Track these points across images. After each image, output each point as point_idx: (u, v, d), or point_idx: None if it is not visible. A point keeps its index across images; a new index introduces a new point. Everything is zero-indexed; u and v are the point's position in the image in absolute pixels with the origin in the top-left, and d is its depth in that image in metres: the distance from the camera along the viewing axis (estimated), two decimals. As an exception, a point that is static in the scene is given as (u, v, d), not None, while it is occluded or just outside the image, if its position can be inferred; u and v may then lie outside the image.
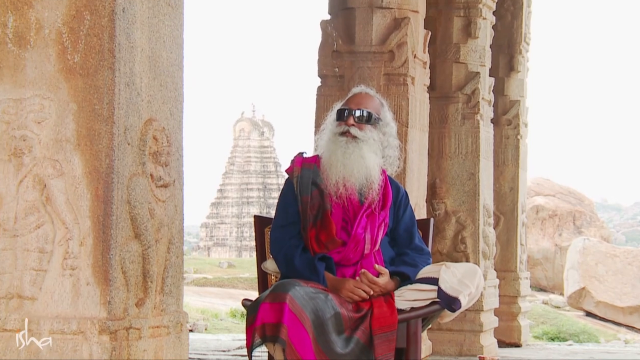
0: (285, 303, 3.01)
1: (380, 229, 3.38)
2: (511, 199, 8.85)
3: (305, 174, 3.40)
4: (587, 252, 16.74)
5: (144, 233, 2.79)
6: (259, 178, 47.99)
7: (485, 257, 7.27)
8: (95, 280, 2.68)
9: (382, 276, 3.28)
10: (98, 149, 2.71)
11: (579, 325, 14.69)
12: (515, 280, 8.76)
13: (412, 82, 5.71)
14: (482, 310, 7.12)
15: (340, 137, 3.37)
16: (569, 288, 16.62)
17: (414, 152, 5.73)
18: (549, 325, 14.47)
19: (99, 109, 2.71)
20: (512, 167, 8.91)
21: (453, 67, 7.29)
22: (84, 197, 2.70)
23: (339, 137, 3.38)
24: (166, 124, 2.94)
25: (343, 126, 3.39)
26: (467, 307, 3.36)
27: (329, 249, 3.33)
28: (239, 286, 21.29)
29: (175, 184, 2.97)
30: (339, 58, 5.78)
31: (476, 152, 7.19)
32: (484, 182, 7.26)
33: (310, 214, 3.35)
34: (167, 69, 2.97)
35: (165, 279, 2.92)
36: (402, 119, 5.61)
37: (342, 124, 3.40)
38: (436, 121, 7.20)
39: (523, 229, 9.00)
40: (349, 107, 3.42)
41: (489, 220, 7.37)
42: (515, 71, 9.05)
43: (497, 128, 8.52)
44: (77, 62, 2.74)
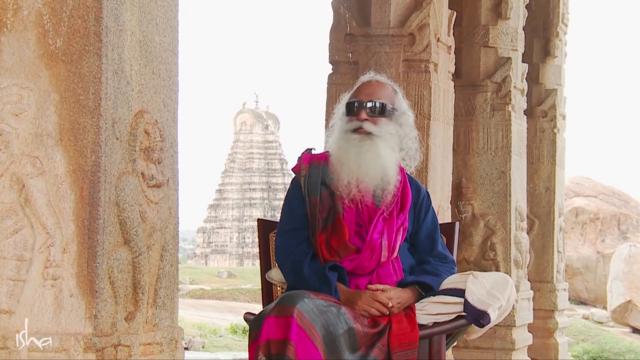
0: (293, 317, 3.02)
1: (399, 233, 3.38)
2: (547, 200, 8.84)
3: (314, 173, 3.40)
4: (633, 261, 16.68)
5: (135, 239, 2.80)
6: (263, 177, 48.02)
7: (518, 265, 7.26)
8: (80, 291, 2.70)
9: (386, 290, 3.28)
10: (83, 144, 2.72)
11: (625, 343, 14.64)
12: (551, 292, 8.75)
13: (435, 69, 5.71)
14: (514, 325, 7.11)
15: (352, 135, 3.36)
16: (613, 301, 16.58)
17: (437, 148, 5.73)
18: (590, 343, 14.43)
19: (84, 99, 2.73)
20: (548, 164, 8.90)
21: (481, 52, 7.28)
22: (67, 198, 2.72)
23: (351, 135, 3.37)
24: (159, 117, 2.95)
25: (355, 122, 3.38)
26: (497, 322, 3.37)
27: (340, 256, 3.33)
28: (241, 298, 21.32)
29: (169, 183, 2.98)
30: (352, 42, 5.78)
31: (507, 147, 7.18)
32: (516, 181, 7.25)
33: (319, 218, 3.35)
34: (160, 55, 2.98)
35: (158, 290, 2.93)
36: (424, 110, 5.61)
37: (353, 119, 3.39)
38: (462, 113, 7.19)
39: (560, 234, 8.99)
40: (359, 99, 3.41)
41: (521, 224, 7.36)
42: (551, 56, 9.04)
43: (531, 120, 8.51)
44: (59, 47, 2.75)
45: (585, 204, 19.33)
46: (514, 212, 7.20)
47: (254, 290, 21.93)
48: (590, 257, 18.70)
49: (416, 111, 5.61)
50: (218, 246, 48.26)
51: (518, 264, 7.26)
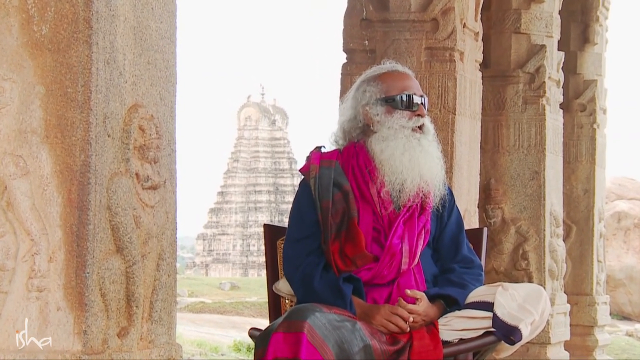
0: (303, 333, 3.03)
1: (420, 237, 3.38)
2: (585, 203, 8.83)
3: (325, 174, 3.41)
4: (682, 271, 16.63)
5: (128, 246, 2.81)
6: (269, 178, 48.09)
7: (553, 276, 7.26)
8: (68, 304, 2.71)
9: (420, 302, 3.28)
10: (71, 142, 2.73)
11: (672, 363, 14.60)
12: (590, 306, 8.73)
13: (460, 58, 5.71)
14: (549, 343, 7.10)
15: (414, 133, 3.40)
16: (660, 316, 16.54)
17: (463, 146, 5.73)
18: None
19: (72, 92, 2.74)
20: (586, 163, 8.89)
21: (512, 38, 7.28)
22: (54, 201, 2.73)
23: (412, 133, 3.40)
24: (155, 111, 2.96)
25: (417, 119, 3.42)
26: (529, 338, 3.36)
27: (357, 265, 3.34)
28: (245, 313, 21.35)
29: (166, 185, 2.99)
30: (369, 28, 5.79)
31: (541, 145, 7.18)
32: (550, 182, 7.25)
33: (332, 223, 3.36)
34: (156, 43, 2.99)
35: (153, 303, 2.94)
36: (449, 103, 5.61)
37: (411, 114, 3.42)
38: (491, 107, 7.20)
39: (600, 241, 8.97)
40: (413, 92, 3.44)
41: (557, 230, 7.35)
42: (590, 44, 9.03)
43: (567, 115, 8.51)
44: (45, 34, 2.76)
45: (629, 207, 19.27)
46: (549, 217, 7.19)
47: (260, 303, 21.95)
48: (634, 266, 18.64)
49: (440, 105, 5.62)
50: (220, 255, 48.35)
51: (553, 274, 7.25)
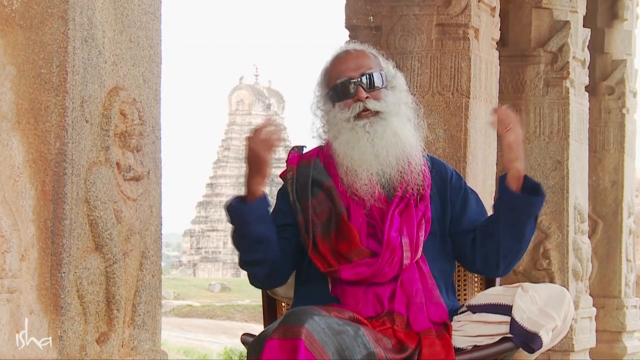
0: (301, 339, 3.04)
1: (420, 227, 3.39)
2: (613, 197, 8.83)
3: (303, 173, 3.43)
4: None
5: (108, 243, 2.81)
6: (264, 168, 48.05)
7: (577, 277, 7.26)
8: (42, 307, 2.71)
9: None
10: (45, 128, 2.73)
11: None
12: (618, 310, 8.74)
13: (475, 36, 5.72)
14: (573, 350, 7.12)
15: (357, 121, 3.39)
16: (695, 321, 16.54)
17: (477, 133, 5.74)
18: (666, 373, 14.41)
19: (47, 73, 2.74)
20: (615, 152, 8.89)
21: (532, 14, 7.28)
22: (26, 194, 2.73)
23: (355, 122, 3.39)
24: (138, 95, 2.97)
25: (355, 104, 3.41)
26: (551, 345, 3.38)
27: (351, 260, 3.35)
28: (237, 317, 21.40)
29: (150, 176, 3.00)
30: (374, 3, 5.79)
31: (565, 131, 7.18)
32: (575, 173, 7.25)
33: (317, 223, 3.37)
34: (138, 19, 2.99)
35: (136, 306, 2.95)
36: (462, 86, 5.62)
37: (350, 102, 3.41)
38: (509, 89, 7.20)
39: (630, 238, 8.98)
40: (348, 75, 3.43)
41: (582, 226, 7.35)
42: (619, 20, 9.02)
43: (594, 99, 8.50)
44: (16, 9, 2.76)
45: (661, 201, 19.28)
46: (573, 212, 7.19)
47: (253, 306, 22.00)
48: (667, 266, 18.66)
49: (452, 87, 5.63)
50: (209, 253, 48.38)
51: (577, 274, 7.26)
